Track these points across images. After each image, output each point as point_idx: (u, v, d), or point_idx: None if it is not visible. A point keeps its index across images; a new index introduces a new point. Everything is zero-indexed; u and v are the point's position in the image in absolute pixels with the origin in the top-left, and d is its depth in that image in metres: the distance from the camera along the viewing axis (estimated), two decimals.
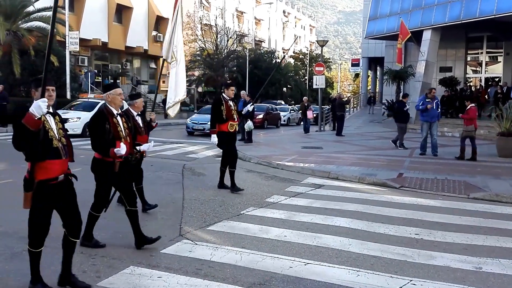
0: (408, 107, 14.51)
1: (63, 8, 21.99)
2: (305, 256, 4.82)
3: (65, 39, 21.79)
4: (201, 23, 42.54)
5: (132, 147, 5.03)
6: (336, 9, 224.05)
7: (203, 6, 45.93)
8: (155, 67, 40.14)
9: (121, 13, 33.78)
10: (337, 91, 50.68)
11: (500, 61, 26.60)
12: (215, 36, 41.25)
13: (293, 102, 45.61)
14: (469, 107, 12.19)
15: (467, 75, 27.82)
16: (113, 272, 4.18)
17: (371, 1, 28.46)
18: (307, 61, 55.35)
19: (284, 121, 29.92)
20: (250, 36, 53.28)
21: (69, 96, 21.68)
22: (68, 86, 21.91)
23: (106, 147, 4.61)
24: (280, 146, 15.21)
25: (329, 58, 71.39)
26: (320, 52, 26.83)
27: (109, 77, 34.07)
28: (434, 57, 24.00)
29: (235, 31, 44.14)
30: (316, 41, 27.00)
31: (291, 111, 32.37)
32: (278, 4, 63.41)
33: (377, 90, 43.02)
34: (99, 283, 3.95)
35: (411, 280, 4.24)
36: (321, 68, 22.33)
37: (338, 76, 71.89)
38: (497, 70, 26.84)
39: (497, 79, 25.67)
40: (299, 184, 8.89)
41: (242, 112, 8.54)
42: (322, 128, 23.27)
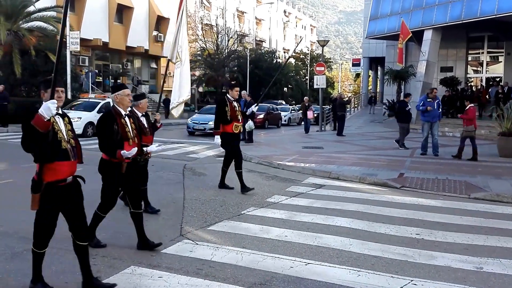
0: (410, 107, 14.50)
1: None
2: (306, 256, 4.82)
3: (66, 39, 21.78)
4: (202, 23, 42.58)
5: (140, 148, 5.00)
6: (337, 9, 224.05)
7: (204, 6, 45.96)
8: (156, 67, 40.15)
9: (122, 13, 33.79)
10: (338, 91, 50.68)
11: (501, 61, 26.60)
12: (216, 36, 41.30)
13: (294, 102, 45.62)
14: (468, 107, 12.21)
15: (468, 75, 27.82)
16: (114, 272, 4.18)
17: (372, 1, 28.45)
18: (308, 61, 55.39)
19: (285, 121, 29.90)
20: (251, 36, 53.31)
21: (70, 96, 21.67)
22: (69, 86, 21.92)
23: (114, 148, 4.58)
24: (281, 146, 15.20)
25: (330, 58, 71.42)
26: (321, 52, 26.83)
27: (110, 77, 34.08)
28: (435, 57, 24.00)
29: (236, 31, 44.18)
30: (317, 41, 27.00)
31: (292, 111, 32.38)
32: (279, 4, 63.42)
33: (378, 90, 43.00)
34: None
35: (412, 280, 4.24)
36: (322, 68, 22.31)
37: (339, 76, 71.88)
38: (498, 70, 26.85)
39: (498, 79, 25.67)
40: (300, 184, 8.89)
41: (247, 113, 8.49)
42: (323, 128, 23.25)
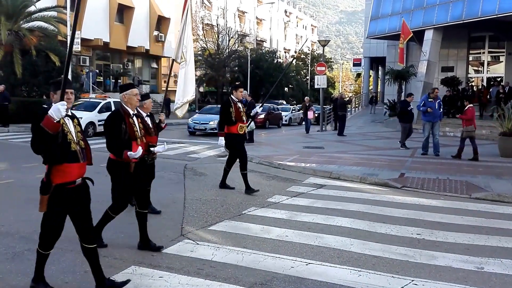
0: (412, 107, 14.48)
1: (65, 8, 22.01)
2: (307, 256, 4.82)
3: (67, 39, 21.80)
4: (203, 23, 42.58)
5: (148, 148, 4.98)
6: (338, 9, 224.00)
7: (205, 6, 45.97)
8: (157, 67, 40.17)
9: (123, 13, 33.79)
10: (339, 91, 50.71)
11: (502, 61, 26.56)
12: (217, 36, 41.30)
13: (295, 102, 45.63)
14: (467, 108, 12.21)
15: (469, 75, 27.78)
16: (115, 272, 4.17)
17: (373, 1, 28.42)
18: (309, 61, 55.38)
19: (286, 121, 29.92)
20: (252, 36, 53.29)
21: None
22: None
23: (122, 148, 4.56)
24: (282, 146, 15.20)
25: (331, 58, 71.47)
26: (322, 52, 26.81)
27: (111, 77, 34.12)
28: (436, 57, 23.97)
29: (237, 31, 44.19)
30: (318, 41, 27.01)
31: (293, 111, 32.39)
32: (280, 4, 63.43)
33: (379, 90, 43.01)
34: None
35: (413, 280, 4.24)
36: (323, 68, 22.30)
37: (340, 76, 71.81)
38: (499, 70, 26.81)
39: (499, 79, 25.62)
40: (301, 184, 8.89)
41: (251, 114, 8.49)
42: (324, 128, 23.25)
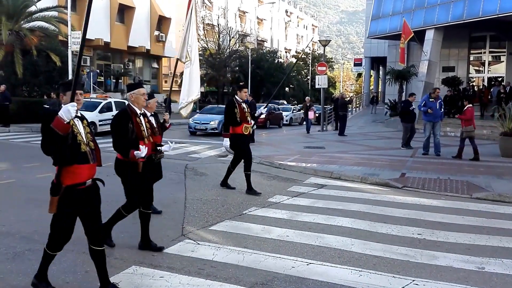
0: (414, 107, 14.47)
1: (65, 8, 22.00)
2: (308, 256, 4.82)
3: (67, 39, 21.80)
4: (203, 23, 42.57)
5: (155, 147, 4.96)
6: (339, 9, 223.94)
7: (206, 6, 45.97)
8: (157, 67, 40.18)
9: (123, 13, 33.81)
10: (340, 91, 50.72)
11: (503, 61, 26.53)
12: (217, 36, 41.30)
13: (296, 102, 45.62)
14: (466, 108, 12.20)
15: (470, 75, 27.76)
16: (115, 272, 4.17)
17: (374, 1, 28.42)
18: (310, 61, 55.36)
19: (287, 121, 29.93)
20: (252, 36, 53.28)
21: None
22: None
23: (128, 147, 4.55)
24: (283, 146, 15.20)
25: (332, 58, 71.43)
26: (323, 52, 26.81)
27: (111, 77, 34.14)
28: (437, 57, 23.95)
29: (237, 31, 44.17)
30: (319, 41, 26.99)
31: (294, 111, 32.39)
32: (281, 4, 63.42)
33: (380, 90, 42.98)
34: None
35: (414, 280, 4.23)
36: (324, 68, 22.31)
37: (341, 76, 71.76)
38: (500, 70, 26.77)
39: (500, 79, 25.60)
40: (302, 184, 8.89)
41: (255, 115, 8.49)
42: (325, 128, 23.24)
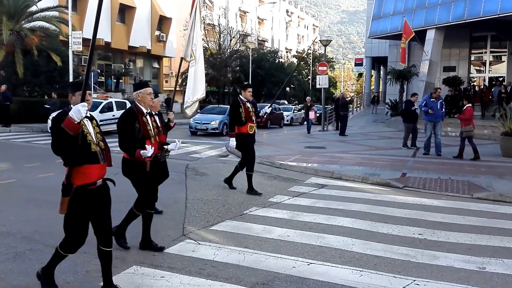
0: (416, 107, 14.45)
1: (66, 8, 22.01)
2: (308, 256, 4.81)
3: (68, 39, 21.82)
4: (204, 23, 42.55)
5: (161, 146, 4.96)
6: (340, 9, 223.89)
7: (206, 6, 45.97)
8: (158, 67, 40.19)
9: (124, 13, 33.81)
10: (340, 91, 50.73)
11: (504, 61, 26.52)
12: (218, 36, 41.32)
13: (296, 102, 45.61)
14: (465, 108, 12.19)
15: (471, 75, 27.76)
16: (116, 272, 4.16)
17: (375, 1, 28.43)
18: (310, 61, 55.35)
19: (287, 121, 29.94)
20: (253, 36, 53.30)
21: None
22: None
23: (134, 146, 4.54)
24: (283, 146, 15.20)
25: (333, 58, 71.44)
26: (324, 52, 26.80)
27: (112, 77, 34.13)
28: (438, 57, 23.95)
29: (238, 31, 44.17)
30: (320, 41, 26.97)
31: (294, 111, 32.40)
32: (281, 4, 63.42)
33: (381, 90, 42.95)
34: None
35: (415, 280, 4.23)
36: (324, 68, 22.30)
37: (341, 76, 71.81)
38: (501, 70, 26.77)
39: (501, 79, 25.60)
40: (302, 184, 8.88)
41: (260, 114, 8.49)
42: (325, 128, 23.24)
